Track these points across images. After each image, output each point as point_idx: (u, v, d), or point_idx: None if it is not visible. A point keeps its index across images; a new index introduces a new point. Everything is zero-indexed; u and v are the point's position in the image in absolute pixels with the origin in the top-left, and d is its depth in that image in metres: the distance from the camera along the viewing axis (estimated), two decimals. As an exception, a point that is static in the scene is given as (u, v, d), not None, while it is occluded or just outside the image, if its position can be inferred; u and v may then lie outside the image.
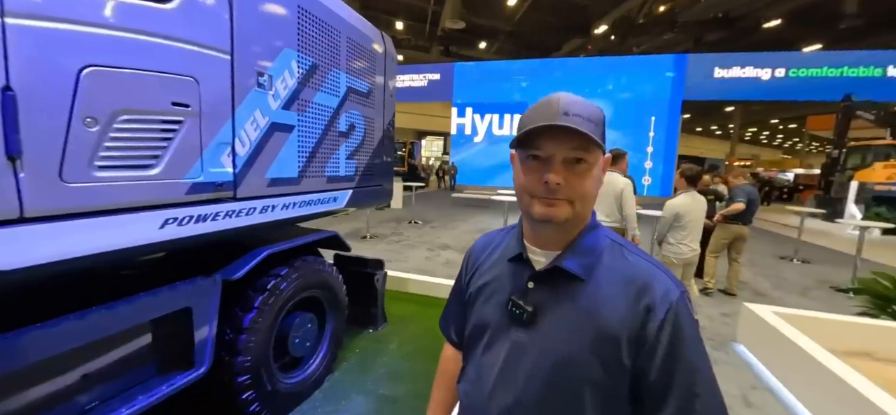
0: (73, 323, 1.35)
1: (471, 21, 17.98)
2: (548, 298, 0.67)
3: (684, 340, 0.59)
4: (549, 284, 0.67)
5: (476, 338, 0.76)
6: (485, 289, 0.76)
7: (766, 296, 5.11)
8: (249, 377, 2.00)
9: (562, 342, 0.64)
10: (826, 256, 7.65)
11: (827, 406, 2.45)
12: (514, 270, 0.73)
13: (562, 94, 0.62)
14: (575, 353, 0.62)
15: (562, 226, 0.64)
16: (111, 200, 1.32)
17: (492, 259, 0.78)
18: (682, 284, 0.66)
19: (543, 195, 0.62)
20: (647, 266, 0.66)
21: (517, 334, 0.68)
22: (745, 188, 4.80)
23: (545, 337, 0.65)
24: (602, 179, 0.67)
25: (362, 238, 7.47)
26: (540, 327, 0.66)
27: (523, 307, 0.67)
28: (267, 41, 1.88)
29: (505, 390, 0.68)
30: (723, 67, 14.37)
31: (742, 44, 16.90)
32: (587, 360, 0.61)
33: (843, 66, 13.55)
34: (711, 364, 0.61)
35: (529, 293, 0.68)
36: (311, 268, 2.40)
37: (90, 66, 1.21)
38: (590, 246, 0.68)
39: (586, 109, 0.61)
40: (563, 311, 0.65)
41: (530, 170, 0.64)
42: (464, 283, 0.84)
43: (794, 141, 42.34)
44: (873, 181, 11.31)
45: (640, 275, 0.64)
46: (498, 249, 0.79)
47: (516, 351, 0.68)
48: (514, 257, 0.73)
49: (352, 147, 2.68)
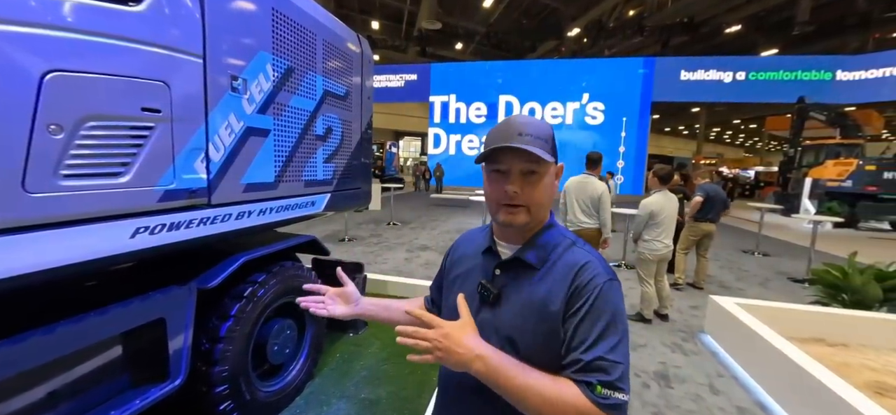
0: (38, 339, 1.29)
1: (447, 22, 18.05)
2: (509, 283, 0.81)
3: (603, 302, 0.71)
4: (510, 272, 0.81)
5: (452, 317, 0.82)
6: (462, 276, 0.90)
7: (730, 288, 5.39)
8: (227, 387, 1.96)
9: (508, 318, 0.78)
10: (784, 249, 8.13)
11: (784, 390, 2.62)
12: (485, 261, 0.87)
13: (518, 116, 0.77)
14: (516, 326, 0.76)
15: (521, 227, 0.79)
16: (78, 210, 1.27)
17: (469, 252, 0.93)
18: (613, 272, 0.77)
19: (506, 202, 0.77)
20: (586, 256, 0.78)
21: (484, 313, 0.81)
22: (704, 186, 5.00)
23: (502, 315, 0.79)
24: (555, 185, 0.82)
25: (341, 241, 7.38)
26: (501, 307, 0.80)
27: (490, 289, 0.81)
28: (240, 44, 1.85)
29: None
30: (688, 70, 15.06)
31: (705, 48, 17.71)
32: (530, 331, 0.75)
33: (797, 70, 14.45)
34: (628, 338, 0.73)
35: (495, 279, 0.83)
36: (290, 273, 2.37)
37: (53, 72, 1.17)
38: (545, 242, 0.81)
39: (537, 129, 0.75)
40: (518, 293, 0.79)
41: (494, 181, 0.79)
42: (446, 270, 0.98)
43: (754, 140, 44.69)
44: (825, 178, 12.08)
45: (578, 262, 0.76)
46: (474, 244, 0.93)
47: (482, 326, 0.79)
48: (485, 250, 0.87)
49: (329, 150, 2.66)
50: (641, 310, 3.98)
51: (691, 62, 15.20)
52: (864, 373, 2.77)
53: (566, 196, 3.97)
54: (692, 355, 3.36)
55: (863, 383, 2.58)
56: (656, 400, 2.68)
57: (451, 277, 0.93)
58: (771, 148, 36.53)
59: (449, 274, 0.95)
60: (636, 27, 17.21)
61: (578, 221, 3.85)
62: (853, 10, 14.76)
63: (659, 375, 3.01)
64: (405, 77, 17.94)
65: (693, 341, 3.62)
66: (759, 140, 40.78)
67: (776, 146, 33.96)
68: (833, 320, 3.37)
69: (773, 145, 35.45)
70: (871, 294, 3.53)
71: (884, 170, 11.18)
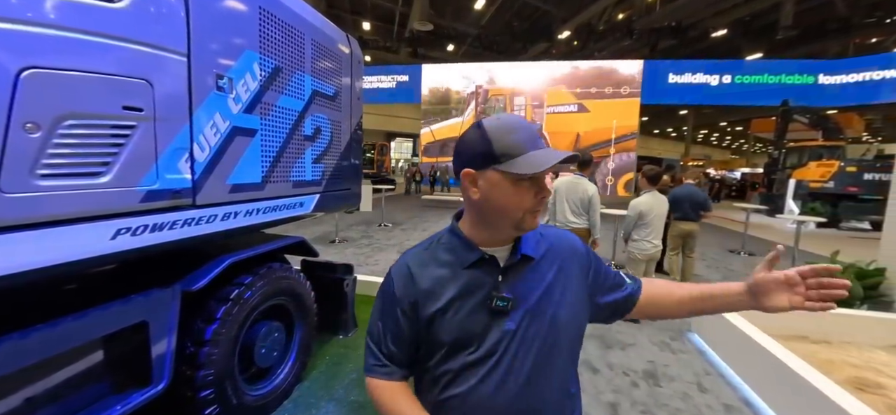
0: (13, 344, 1.25)
1: (438, 23, 18.07)
2: (518, 283, 0.79)
3: (594, 256, 0.92)
4: (515, 272, 0.80)
5: (461, 347, 0.77)
6: (451, 304, 0.77)
7: (717, 287, 5.45)
8: (213, 391, 1.92)
9: (547, 308, 0.79)
10: (769, 249, 8.14)
11: (770, 387, 2.66)
12: (478, 274, 0.78)
13: (521, 120, 0.76)
14: (571, 302, 0.82)
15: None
16: (56, 211, 1.24)
17: (441, 276, 0.79)
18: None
19: (537, 209, 0.76)
20: (562, 232, 0.92)
21: (503, 324, 0.77)
22: (675, 190, 5.05)
23: (530, 313, 0.78)
24: None
25: (331, 242, 7.32)
26: (522, 308, 0.77)
27: (505, 298, 0.77)
28: (226, 43, 1.82)
29: (516, 372, 0.77)
30: (676, 73, 15.32)
31: (693, 51, 18.03)
32: (578, 300, 0.84)
33: (781, 73, 14.79)
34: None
35: (502, 286, 0.78)
36: (278, 275, 2.34)
37: (30, 68, 1.13)
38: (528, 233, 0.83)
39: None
40: (534, 286, 0.79)
41: (524, 190, 0.74)
42: (412, 312, 0.80)
43: (740, 142, 45.50)
44: (809, 179, 12.34)
45: (566, 238, 0.90)
46: (440, 265, 0.80)
47: (508, 338, 0.76)
48: (472, 264, 0.78)
49: (318, 151, 2.64)
50: (630, 309, 4.01)
51: (679, 65, 15.47)
52: (846, 369, 2.83)
53: (556, 196, 4.00)
54: (680, 353, 3.40)
55: (845, 379, 2.63)
56: (645, 399, 2.70)
57: (429, 313, 0.78)
58: (756, 150, 37.27)
59: (423, 314, 0.78)
60: (625, 30, 17.44)
61: (567, 221, 3.87)
62: (834, 16, 15.16)
63: (647, 374, 3.03)
64: (397, 78, 17.92)
65: (681, 340, 3.66)
66: (745, 142, 41.57)
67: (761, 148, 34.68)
68: (816, 318, 3.43)
69: (759, 147, 36.18)
70: (851, 292, 3.61)
71: (864, 171, 11.46)
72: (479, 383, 0.76)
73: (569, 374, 0.84)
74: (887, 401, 2.45)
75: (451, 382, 0.79)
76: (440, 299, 0.78)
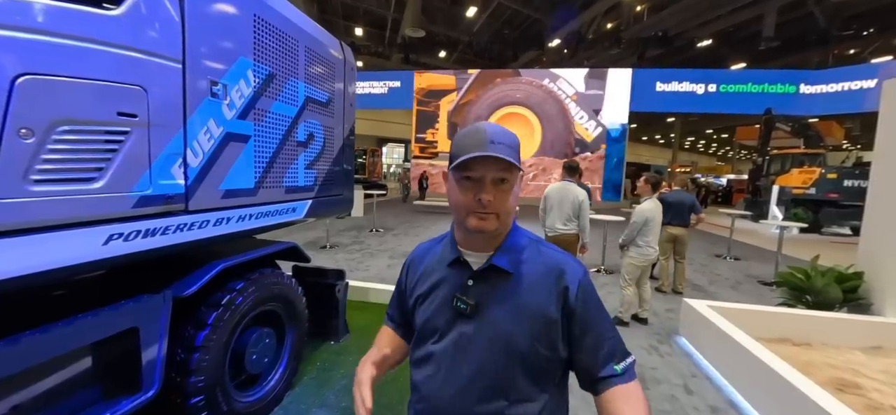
0: (2, 349, 1.24)
1: (430, 30, 18.19)
2: (486, 292, 0.81)
3: (591, 302, 0.81)
4: (485, 281, 0.81)
5: (427, 335, 0.86)
6: (429, 292, 0.87)
7: (703, 291, 5.58)
8: (203, 398, 1.91)
9: (501, 325, 0.78)
10: (753, 253, 8.47)
11: (754, 389, 2.73)
12: (453, 272, 0.85)
13: (485, 124, 0.77)
14: (513, 331, 0.78)
15: (491, 234, 0.79)
16: (49, 216, 1.24)
17: (431, 265, 0.90)
18: (578, 260, 0.86)
19: (477, 210, 0.76)
20: (558, 256, 0.84)
21: (462, 325, 0.81)
22: (665, 195, 5.04)
23: (486, 323, 0.79)
24: (519, 194, 0.82)
25: (322, 248, 7.29)
26: (482, 316, 0.80)
27: (466, 302, 0.80)
28: (221, 50, 1.83)
29: (458, 372, 0.80)
30: (663, 82, 15.68)
31: (679, 60, 18.41)
32: (522, 334, 0.77)
33: (764, 83, 15.23)
34: (609, 315, 0.84)
35: (469, 290, 0.81)
36: (269, 281, 2.34)
37: (26, 75, 1.14)
38: (512, 245, 0.84)
39: (507, 138, 0.76)
40: (500, 300, 0.80)
41: (465, 189, 0.77)
42: (408, 289, 0.94)
43: (726, 149, 46.45)
44: (791, 185, 12.67)
45: (556, 263, 0.82)
46: (435, 257, 0.91)
47: (464, 339, 0.80)
48: (452, 262, 0.85)
49: (311, 156, 2.65)
50: (620, 313, 4.08)
51: (666, 74, 15.84)
52: (827, 370, 2.91)
53: (546, 202, 4.05)
54: (667, 356, 3.46)
55: (825, 380, 2.71)
56: (633, 401, 2.74)
57: (415, 295, 0.90)
58: (741, 157, 38.04)
59: (412, 292, 0.91)
60: (614, 39, 17.76)
61: (556, 227, 3.93)
62: (814, 28, 15.66)
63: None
64: (389, 83, 17.96)
65: (668, 343, 3.72)
66: (731, 149, 42.42)
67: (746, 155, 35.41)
68: (797, 321, 3.53)
69: (744, 154, 36.95)
70: (831, 295, 3.72)
71: (844, 178, 11.80)
72: (434, 374, 0.83)
73: (523, 395, 0.78)
74: (865, 401, 2.53)
75: (417, 365, 0.88)
76: (424, 285, 0.88)
